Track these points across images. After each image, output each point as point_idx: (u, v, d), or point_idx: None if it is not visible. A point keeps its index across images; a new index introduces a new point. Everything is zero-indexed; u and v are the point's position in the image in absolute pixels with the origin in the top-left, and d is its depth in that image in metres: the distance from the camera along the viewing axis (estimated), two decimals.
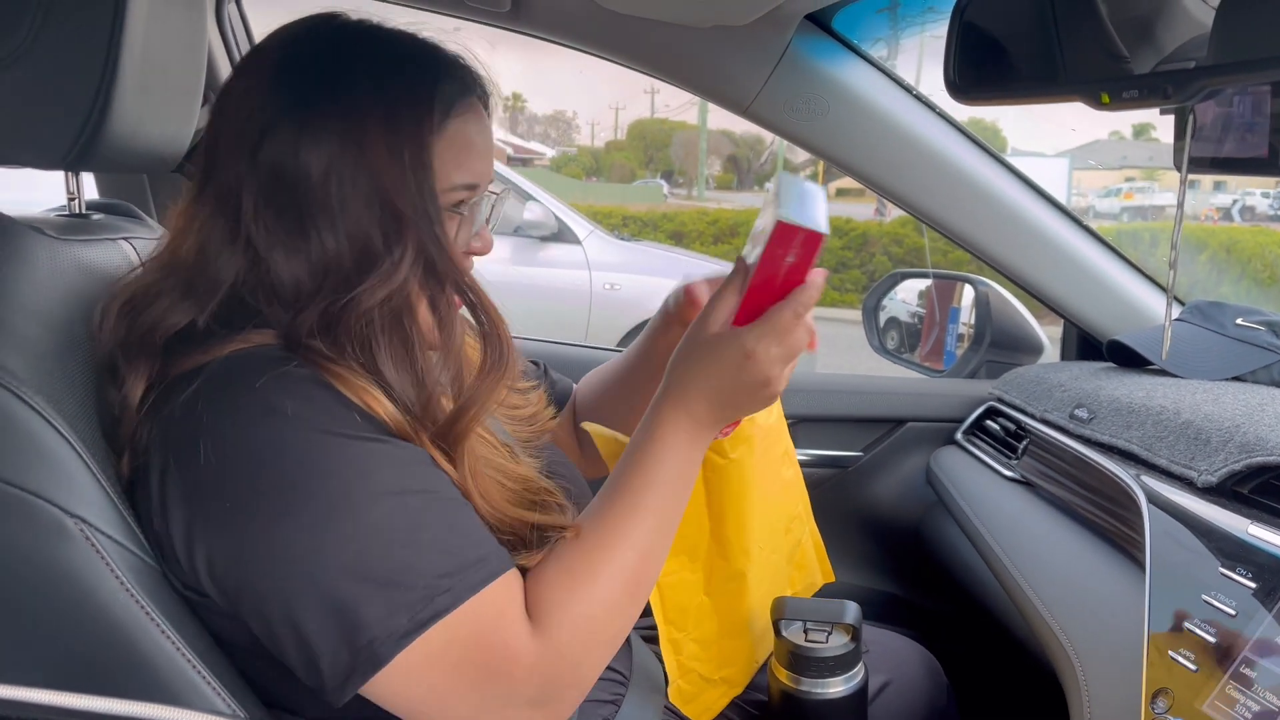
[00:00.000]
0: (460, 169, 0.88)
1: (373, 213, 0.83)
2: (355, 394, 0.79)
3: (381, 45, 0.89)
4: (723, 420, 0.93)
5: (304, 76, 0.85)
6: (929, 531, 1.73)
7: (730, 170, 22.31)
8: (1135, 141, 15.38)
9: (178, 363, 0.81)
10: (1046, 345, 1.86)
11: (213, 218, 0.85)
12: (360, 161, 0.83)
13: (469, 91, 0.90)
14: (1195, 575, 0.94)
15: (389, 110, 0.84)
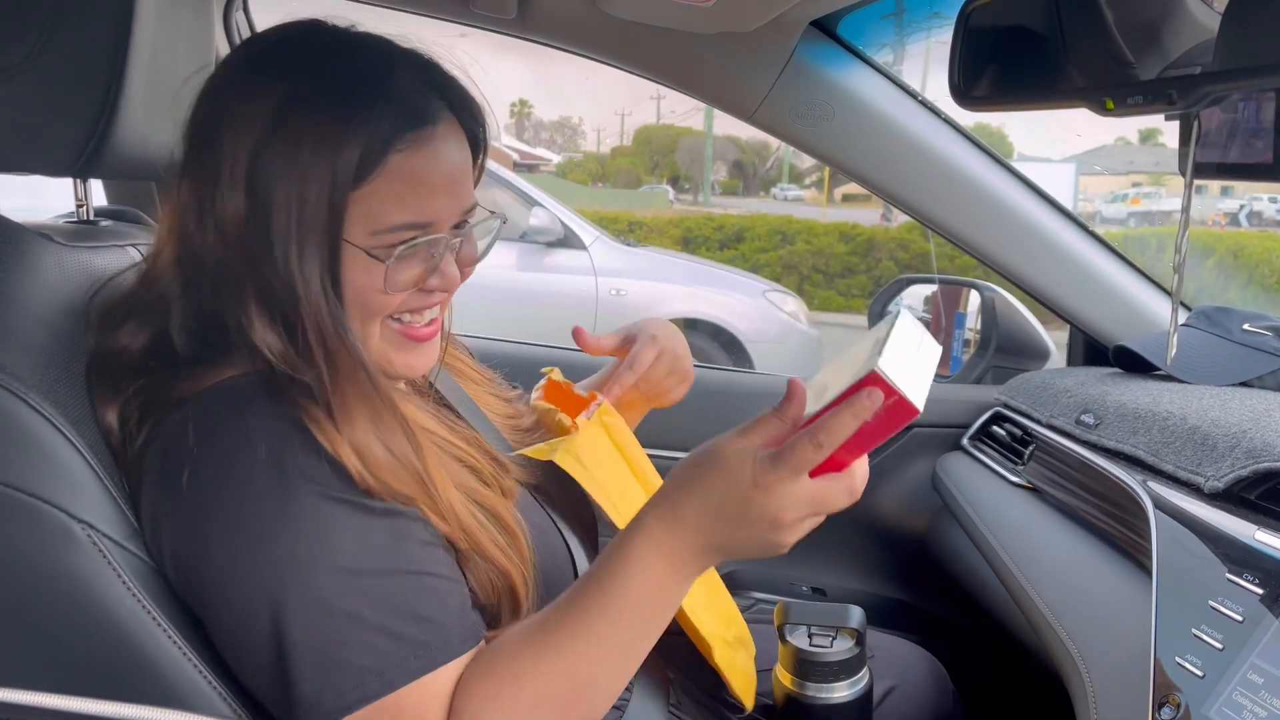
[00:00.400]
0: (405, 208, 0.82)
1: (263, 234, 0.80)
2: (328, 441, 0.78)
3: (332, 64, 0.83)
4: (712, 553, 0.78)
5: (247, 89, 0.81)
6: (935, 537, 1.72)
7: (736, 176, 22.31)
8: (1142, 147, 15.35)
9: (166, 387, 0.81)
10: (1053, 351, 1.86)
11: (166, 232, 0.86)
12: (272, 189, 0.79)
13: (428, 119, 0.83)
14: (1202, 581, 0.94)
15: (314, 139, 0.78)
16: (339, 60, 0.83)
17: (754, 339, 5.51)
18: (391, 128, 0.80)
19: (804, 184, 20.75)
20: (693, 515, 0.77)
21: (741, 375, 2.20)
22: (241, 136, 0.79)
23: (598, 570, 0.80)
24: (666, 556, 0.78)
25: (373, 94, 0.81)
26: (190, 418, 0.79)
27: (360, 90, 0.81)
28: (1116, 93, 0.85)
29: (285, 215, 0.79)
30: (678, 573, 0.79)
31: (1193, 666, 0.88)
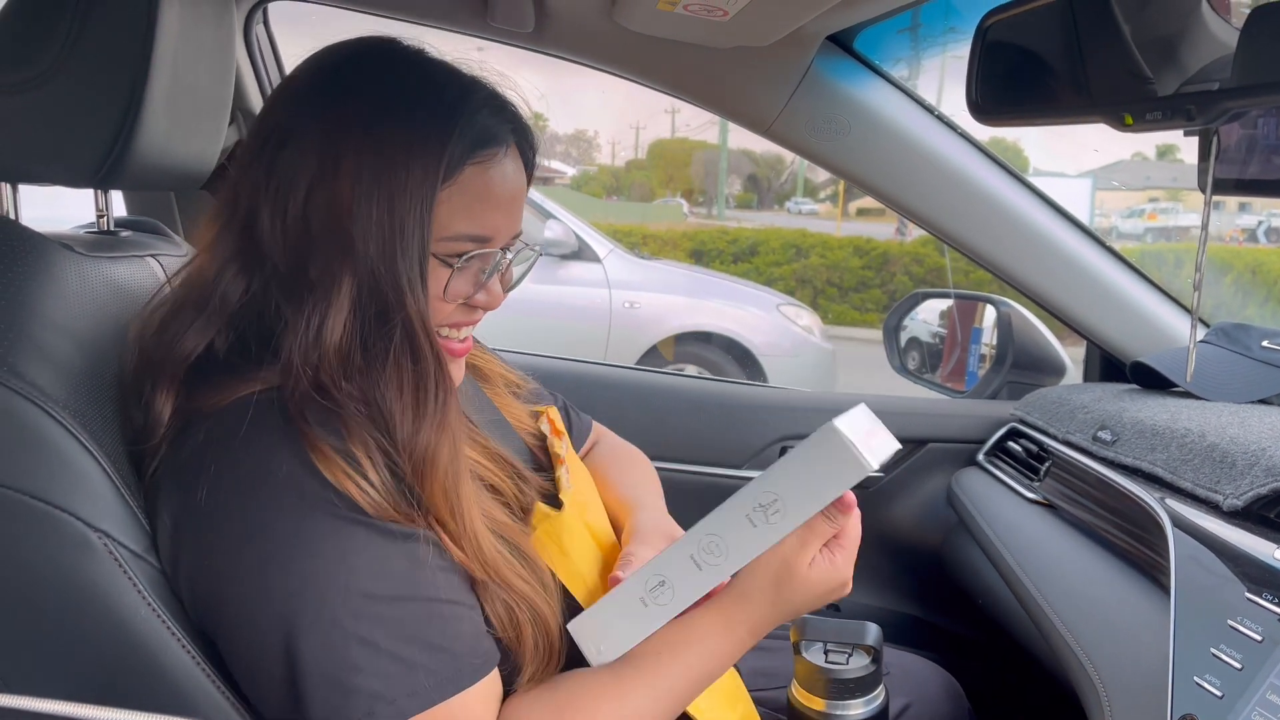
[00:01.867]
0: (470, 219, 0.85)
1: (349, 241, 0.81)
2: (332, 473, 0.77)
3: (415, 75, 0.86)
4: (776, 623, 0.92)
5: (329, 94, 0.84)
6: (950, 553, 1.71)
7: (750, 190, 22.31)
8: (1159, 162, 15.28)
9: (198, 397, 0.82)
10: (1069, 366, 1.85)
11: (226, 229, 0.86)
12: (360, 191, 0.81)
13: (498, 138, 0.86)
14: (1221, 600, 0.93)
15: (404, 145, 0.81)
16: (423, 74, 0.87)
17: (768, 353, 5.50)
18: (470, 142, 0.83)
19: (818, 198, 20.72)
20: (780, 617, 0.90)
21: (754, 388, 2.20)
22: (332, 141, 0.81)
23: (674, 646, 0.89)
24: (741, 643, 0.91)
25: (455, 108, 0.84)
26: (214, 433, 0.79)
27: (445, 103, 0.84)
28: (1135, 108, 0.84)
29: (379, 216, 0.81)
30: (739, 646, 0.91)
31: (1211, 686, 0.87)
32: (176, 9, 0.92)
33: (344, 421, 0.79)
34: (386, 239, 0.81)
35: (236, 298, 0.85)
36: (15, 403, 0.76)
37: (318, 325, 0.81)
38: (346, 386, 0.80)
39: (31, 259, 0.85)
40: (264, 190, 0.83)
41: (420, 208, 0.81)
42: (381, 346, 0.82)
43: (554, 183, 18.94)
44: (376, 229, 0.81)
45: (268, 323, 0.84)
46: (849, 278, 11.63)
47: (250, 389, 0.80)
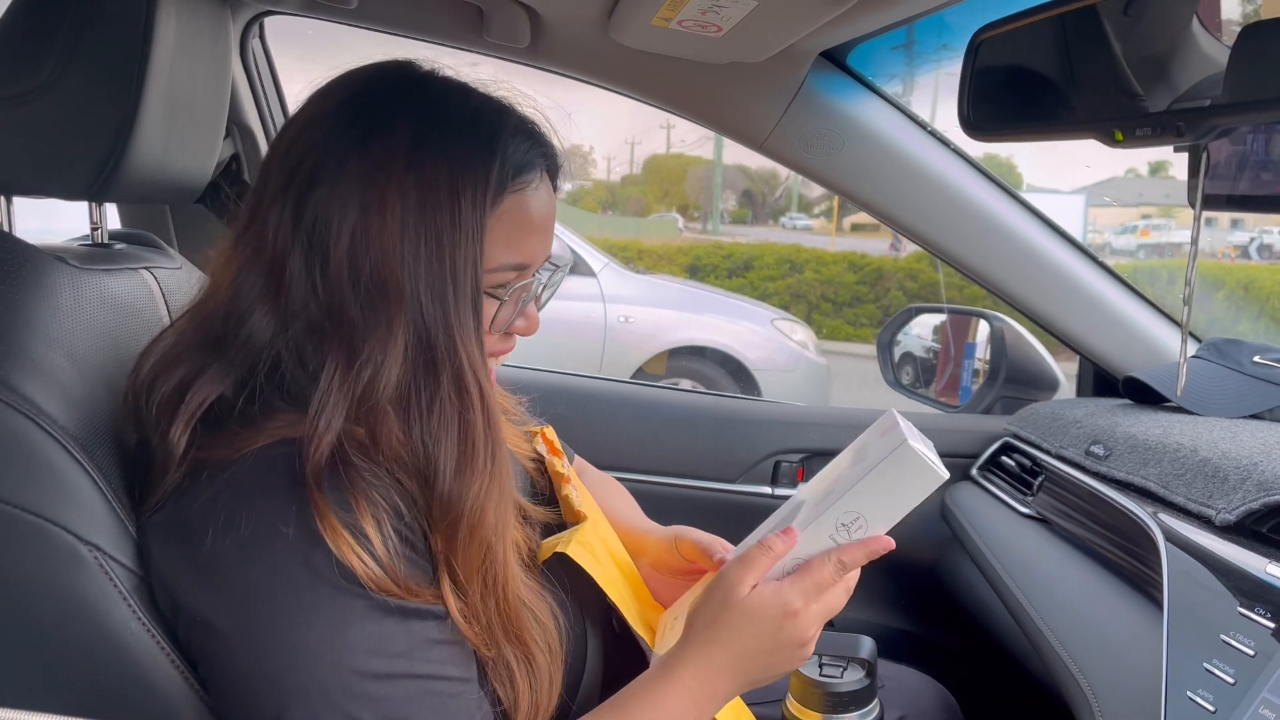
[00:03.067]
0: (511, 248, 0.83)
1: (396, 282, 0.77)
2: (336, 544, 0.73)
3: (448, 104, 0.83)
4: (741, 689, 0.86)
5: (360, 128, 0.80)
6: (945, 568, 1.71)
7: (745, 205, 22.37)
8: (1152, 179, 15.36)
9: (206, 444, 0.78)
10: (1062, 381, 1.85)
11: (249, 268, 0.81)
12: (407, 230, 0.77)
13: (533, 164, 0.84)
14: (1213, 615, 0.93)
15: (449, 179, 0.78)
16: (458, 101, 0.84)
17: (762, 367, 5.50)
18: (511, 170, 0.82)
19: (813, 213, 20.78)
20: (726, 661, 0.84)
21: (749, 403, 2.20)
22: (372, 180, 0.78)
23: (623, 701, 0.84)
24: (699, 704, 0.84)
25: (494, 136, 0.82)
26: (221, 489, 0.75)
27: (484, 131, 0.82)
28: (1125, 124, 0.85)
29: (428, 257, 0.78)
30: (705, 708, 0.85)
31: (1204, 701, 0.87)
32: (173, 23, 0.92)
33: (355, 490, 0.75)
34: (438, 280, 0.78)
35: (263, 343, 0.80)
36: (7, 415, 0.76)
37: (369, 376, 0.77)
38: (385, 443, 0.77)
39: (25, 272, 0.85)
40: (296, 231, 0.79)
41: (470, 243, 0.79)
42: (429, 394, 0.79)
43: None
44: (426, 270, 0.77)
45: (285, 370, 0.80)
46: (843, 293, 11.67)
47: (260, 441, 0.76)
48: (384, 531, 0.75)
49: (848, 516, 0.86)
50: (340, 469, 0.75)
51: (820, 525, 0.86)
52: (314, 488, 0.73)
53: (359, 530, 0.74)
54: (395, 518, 0.76)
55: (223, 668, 0.76)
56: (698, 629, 0.85)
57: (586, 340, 5.54)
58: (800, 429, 1.82)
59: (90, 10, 0.88)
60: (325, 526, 0.73)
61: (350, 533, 0.73)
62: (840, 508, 0.86)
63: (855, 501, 0.86)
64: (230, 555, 0.74)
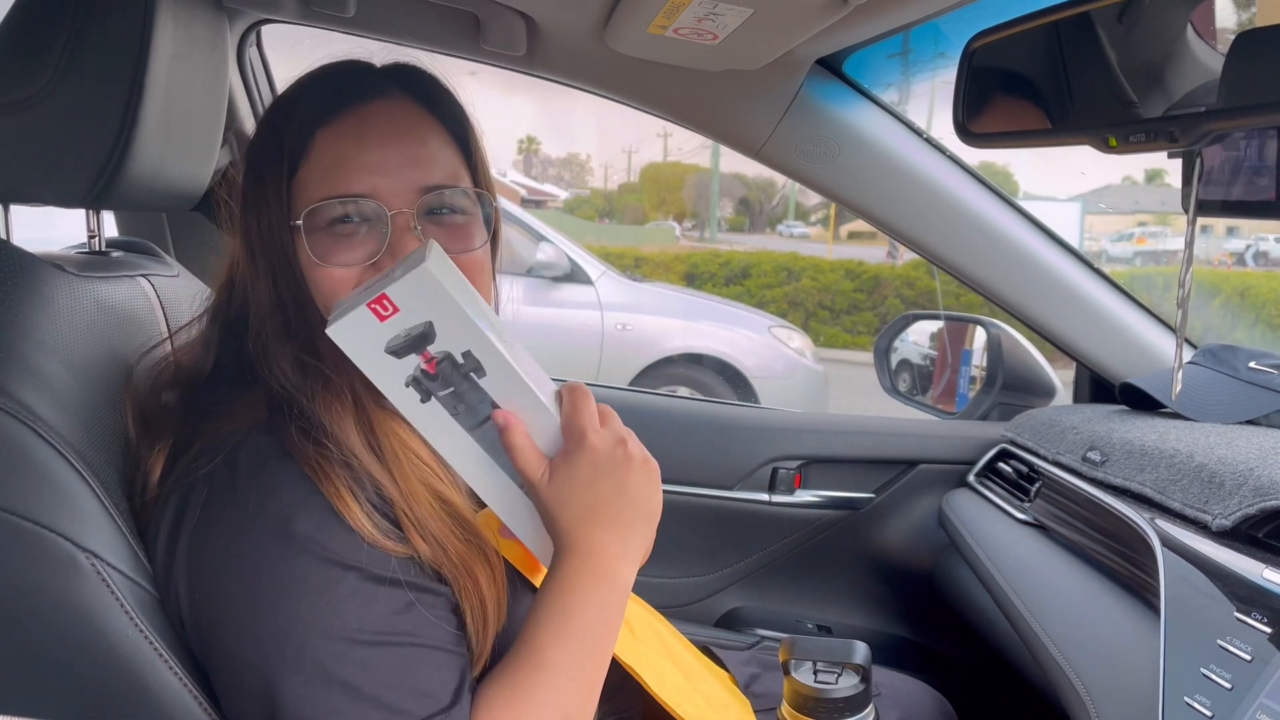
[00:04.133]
0: (331, 181, 0.85)
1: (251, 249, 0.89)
2: (331, 496, 0.77)
3: (289, 89, 0.92)
4: (620, 539, 0.84)
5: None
6: (942, 575, 1.71)
7: (742, 213, 22.42)
8: (1147, 186, 15.40)
9: (196, 418, 0.84)
10: (1059, 388, 1.86)
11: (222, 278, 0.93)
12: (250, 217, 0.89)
13: (349, 99, 0.87)
14: (1210, 620, 0.93)
15: (261, 157, 0.88)
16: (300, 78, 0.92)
17: (759, 374, 5.51)
18: (317, 108, 0.87)
19: (810, 221, 20.83)
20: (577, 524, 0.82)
21: (746, 410, 2.20)
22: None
23: (540, 617, 0.83)
24: (597, 578, 0.83)
25: (300, 87, 0.91)
26: (207, 471, 0.79)
27: (293, 89, 0.91)
28: (1119, 130, 0.85)
29: (253, 223, 0.88)
30: (604, 578, 0.83)
31: (1201, 706, 0.87)
32: (170, 31, 0.93)
33: (322, 462, 0.79)
34: (260, 243, 0.87)
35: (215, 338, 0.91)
36: (4, 422, 0.76)
37: (274, 346, 0.86)
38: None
39: (22, 279, 0.85)
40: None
41: (276, 204, 0.87)
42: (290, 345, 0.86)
43: (546, 206, 19.00)
44: (254, 238, 0.88)
45: (242, 359, 0.88)
46: (840, 300, 11.69)
47: (241, 421, 0.82)
48: (356, 494, 0.79)
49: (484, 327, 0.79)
50: (305, 446, 0.79)
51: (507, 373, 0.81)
52: (299, 454, 0.78)
53: (340, 497, 0.77)
54: (350, 474, 0.80)
55: (216, 648, 0.78)
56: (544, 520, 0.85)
57: (584, 348, 5.55)
58: (798, 436, 1.82)
59: (88, 19, 0.89)
60: (314, 473, 0.77)
61: (342, 489, 0.78)
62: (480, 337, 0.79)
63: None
64: (221, 531, 0.77)
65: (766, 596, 1.83)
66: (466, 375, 0.79)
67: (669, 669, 1.02)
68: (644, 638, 1.01)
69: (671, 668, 1.02)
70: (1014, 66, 1.00)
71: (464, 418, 0.81)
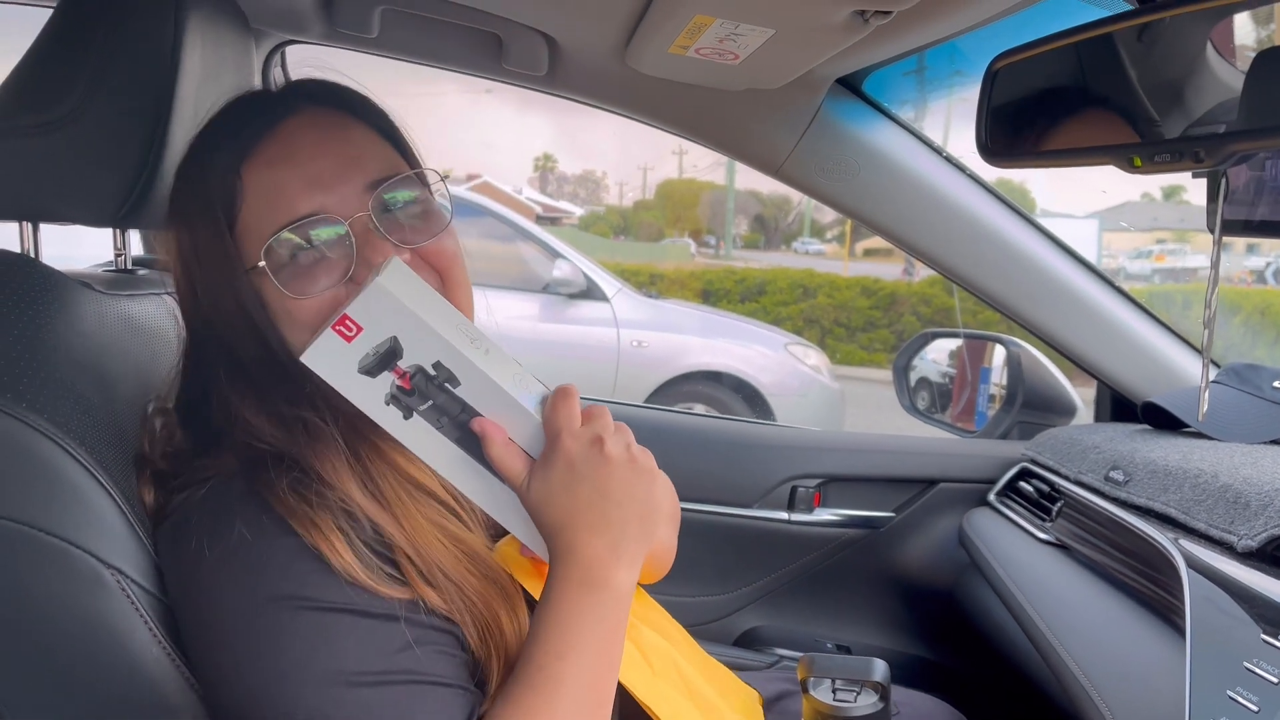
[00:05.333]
0: (274, 211, 0.82)
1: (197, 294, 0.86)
2: (317, 540, 0.75)
3: (199, 141, 0.89)
4: (612, 545, 0.80)
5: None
6: (962, 594, 1.70)
7: (758, 230, 22.43)
8: (1166, 203, 15.34)
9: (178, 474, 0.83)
10: (1080, 406, 1.85)
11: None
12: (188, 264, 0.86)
13: (261, 127, 0.84)
14: (1237, 642, 0.93)
15: (192, 204, 0.85)
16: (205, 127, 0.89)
17: (775, 392, 5.50)
18: (233, 147, 0.84)
19: (825, 238, 20.82)
20: (562, 529, 0.79)
21: (763, 427, 2.20)
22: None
23: (540, 633, 0.80)
24: (581, 579, 0.79)
25: (207, 134, 0.87)
26: (189, 520, 0.78)
27: (199, 140, 0.88)
28: (1143, 150, 0.85)
29: (198, 289, 0.85)
30: (599, 589, 0.80)
31: None
32: (199, 53, 0.94)
33: (305, 503, 0.77)
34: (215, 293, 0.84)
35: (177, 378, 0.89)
36: (31, 438, 0.77)
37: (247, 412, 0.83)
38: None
39: (51, 297, 0.86)
40: None
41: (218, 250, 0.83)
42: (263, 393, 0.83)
43: (562, 223, 19.07)
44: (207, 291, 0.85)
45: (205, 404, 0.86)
46: (856, 317, 11.66)
47: (220, 466, 0.80)
48: (345, 531, 0.76)
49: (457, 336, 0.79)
50: (289, 487, 0.76)
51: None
52: (275, 499, 0.76)
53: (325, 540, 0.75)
54: (350, 521, 0.78)
55: (218, 692, 0.77)
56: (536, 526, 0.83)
57: (599, 365, 5.55)
58: (816, 454, 1.81)
59: (117, 40, 0.90)
60: (295, 520, 0.75)
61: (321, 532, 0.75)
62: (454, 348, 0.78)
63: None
64: (207, 588, 0.75)
65: (785, 616, 1.82)
66: (441, 386, 0.78)
67: (688, 708, 1.00)
68: (662, 673, 1.00)
69: (690, 707, 1.00)
70: (1036, 87, 1.00)
71: (448, 429, 0.80)
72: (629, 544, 0.81)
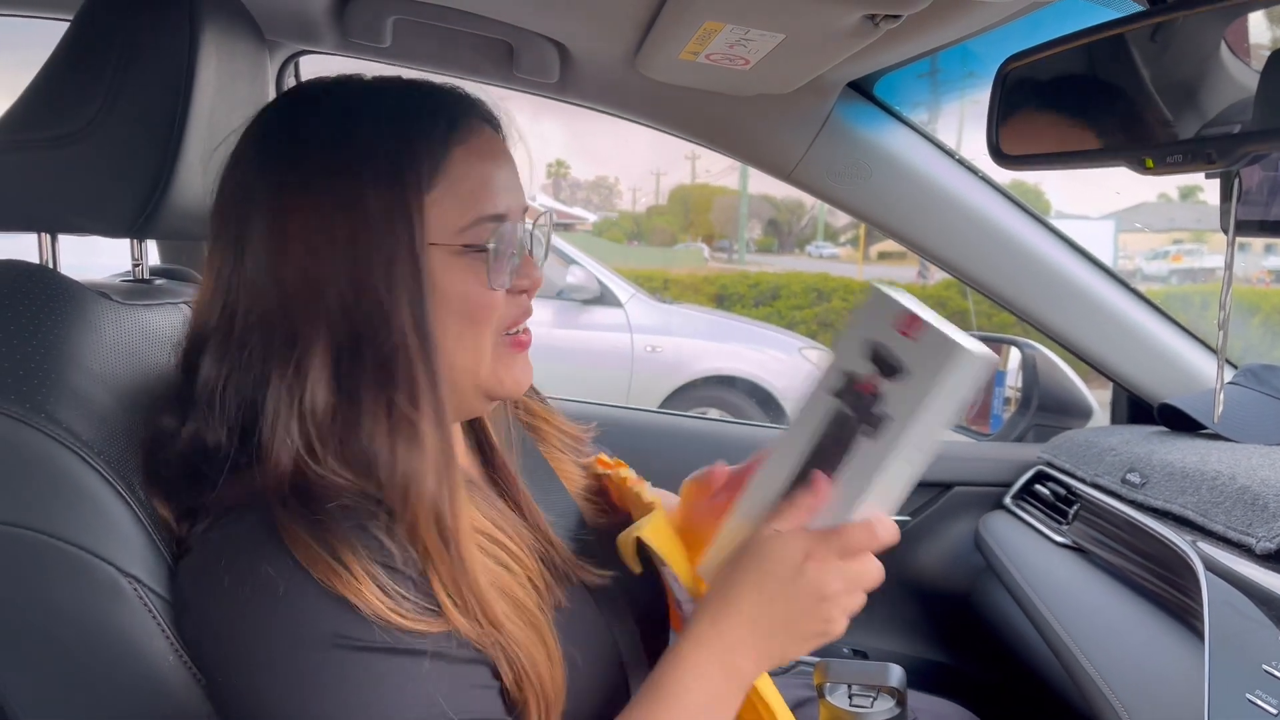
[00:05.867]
0: (477, 202, 0.81)
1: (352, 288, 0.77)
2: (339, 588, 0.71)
3: (359, 101, 0.82)
4: (766, 650, 0.79)
5: (273, 150, 0.81)
6: (978, 598, 1.70)
7: (771, 234, 22.40)
8: (1182, 204, 15.23)
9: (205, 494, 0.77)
10: (1095, 409, 1.84)
11: (209, 306, 0.82)
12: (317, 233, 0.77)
13: (476, 115, 0.85)
14: (1255, 644, 0.92)
15: (378, 170, 0.78)
16: (369, 96, 0.83)
17: (790, 396, 5.49)
18: (448, 125, 0.81)
19: (839, 242, 20.78)
20: (743, 605, 0.78)
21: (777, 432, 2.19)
22: (285, 191, 0.78)
23: (654, 680, 0.78)
24: (719, 657, 0.78)
25: (418, 110, 0.82)
26: (216, 551, 0.75)
27: (402, 108, 0.81)
28: (1156, 151, 0.85)
29: (346, 251, 0.77)
30: (731, 674, 0.79)
31: None
32: (214, 66, 0.95)
33: (334, 538, 0.72)
34: (365, 273, 0.76)
35: (213, 381, 0.79)
36: (50, 448, 0.77)
37: (299, 397, 0.76)
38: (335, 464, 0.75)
39: (69, 307, 0.86)
40: (236, 265, 0.80)
41: (403, 223, 0.77)
42: (365, 387, 0.77)
43: (575, 229, 19.09)
44: (349, 267, 0.77)
45: (248, 409, 0.78)
46: None
47: (240, 494, 0.75)
48: (372, 571, 0.72)
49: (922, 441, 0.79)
50: (315, 521, 0.73)
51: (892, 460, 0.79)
52: (293, 536, 0.72)
53: (346, 567, 0.71)
54: (380, 553, 0.73)
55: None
56: (717, 578, 0.81)
57: (614, 370, 5.56)
58: None
59: (133, 53, 0.90)
60: (321, 574, 0.71)
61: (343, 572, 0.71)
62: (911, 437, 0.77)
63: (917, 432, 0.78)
64: (238, 629, 0.72)
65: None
66: (868, 426, 0.78)
67: None
68: None
69: None
70: (1048, 88, 0.99)
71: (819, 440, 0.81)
72: (778, 659, 0.80)
